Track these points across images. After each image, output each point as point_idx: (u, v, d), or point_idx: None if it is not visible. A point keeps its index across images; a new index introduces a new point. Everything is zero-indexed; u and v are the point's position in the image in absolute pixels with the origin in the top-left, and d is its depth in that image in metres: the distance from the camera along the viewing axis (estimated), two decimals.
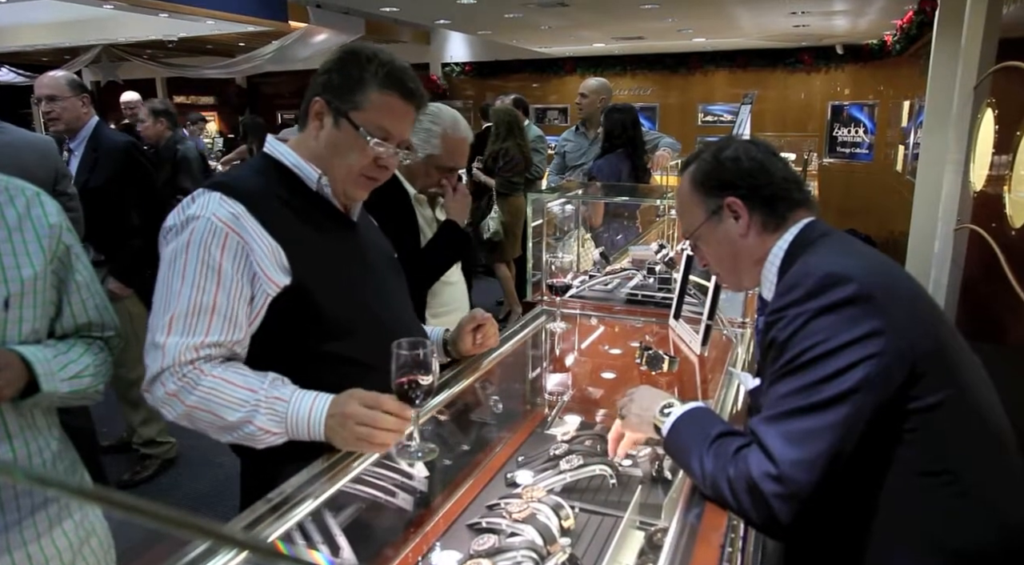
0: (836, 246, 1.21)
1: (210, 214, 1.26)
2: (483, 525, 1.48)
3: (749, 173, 1.28)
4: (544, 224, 2.50)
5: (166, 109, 4.76)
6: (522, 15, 6.96)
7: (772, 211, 1.28)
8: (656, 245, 2.68)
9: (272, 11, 6.35)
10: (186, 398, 1.22)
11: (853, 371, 1.03)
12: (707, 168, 1.32)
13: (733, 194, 1.29)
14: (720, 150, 1.32)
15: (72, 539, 1.32)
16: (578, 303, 2.42)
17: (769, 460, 1.04)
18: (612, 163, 4.00)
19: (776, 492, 1.03)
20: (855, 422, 1.04)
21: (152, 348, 1.24)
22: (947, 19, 4.62)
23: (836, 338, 1.04)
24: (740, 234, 1.29)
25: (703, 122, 10.32)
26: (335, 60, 1.39)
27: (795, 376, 1.07)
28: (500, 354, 1.85)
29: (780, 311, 1.12)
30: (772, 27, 7.99)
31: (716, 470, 1.12)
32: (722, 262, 1.38)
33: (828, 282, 1.07)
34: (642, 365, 1.96)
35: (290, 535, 1.09)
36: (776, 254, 1.28)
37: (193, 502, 3.31)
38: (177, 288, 1.24)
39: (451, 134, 2.07)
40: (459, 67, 11.42)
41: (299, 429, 1.23)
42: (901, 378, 1.05)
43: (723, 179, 1.30)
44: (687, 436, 1.23)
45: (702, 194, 1.33)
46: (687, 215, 1.38)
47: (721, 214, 1.30)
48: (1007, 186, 2.48)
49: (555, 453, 1.74)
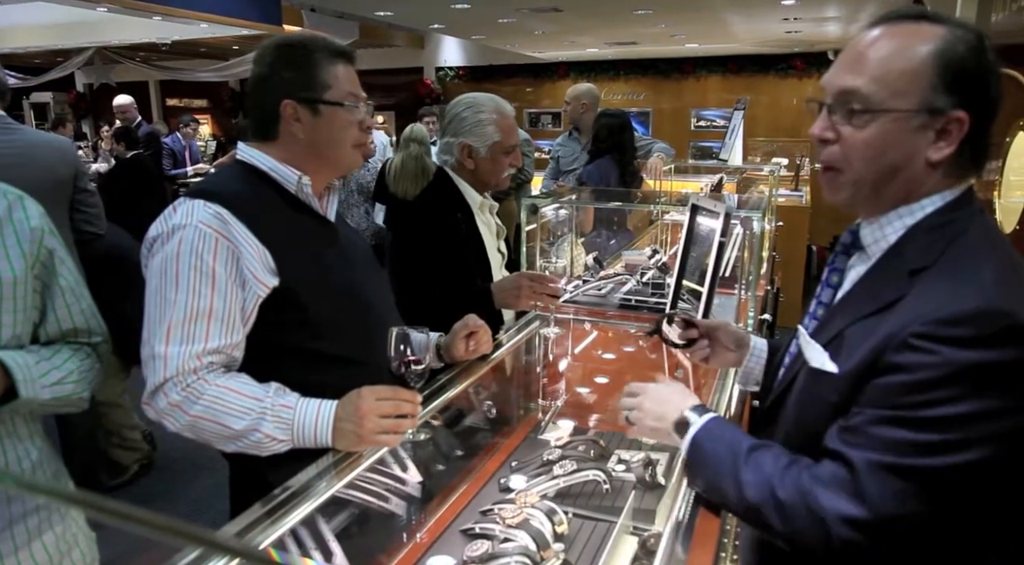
0: (1009, 260, 0.96)
1: (196, 221, 1.26)
2: (476, 531, 1.48)
3: (995, 106, 0.96)
4: (537, 229, 2.51)
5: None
6: (516, 20, 6.98)
7: (972, 160, 0.98)
8: (649, 250, 2.68)
9: (266, 15, 6.34)
10: (190, 408, 1.22)
11: (987, 446, 0.87)
12: (966, 56, 0.94)
13: (968, 110, 0.93)
14: (981, 48, 0.96)
15: (52, 552, 1.29)
16: (571, 308, 2.42)
17: (859, 502, 0.90)
18: (601, 168, 4.00)
19: (851, 538, 0.90)
20: (964, 495, 0.88)
21: (151, 359, 1.23)
22: None
23: (988, 400, 0.87)
24: (929, 161, 0.96)
25: (696, 127, 10.36)
26: (274, 62, 1.38)
27: (922, 427, 0.89)
28: (493, 359, 1.85)
29: (933, 341, 0.88)
30: (764, 33, 8.03)
31: (759, 490, 0.98)
32: (869, 165, 0.99)
33: (1008, 335, 0.86)
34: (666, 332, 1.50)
35: (283, 541, 1.09)
36: (919, 209, 0.99)
37: (184, 508, 3.30)
38: (172, 296, 1.24)
39: (501, 116, 2.05)
40: (453, 71, 11.43)
41: (305, 435, 1.24)
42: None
43: (973, 87, 0.94)
44: (713, 455, 1.08)
45: (935, 78, 0.93)
46: (889, 76, 0.95)
47: (934, 121, 0.94)
48: (997, 192, 2.50)
49: (548, 458, 1.74)
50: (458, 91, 11.89)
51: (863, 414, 0.94)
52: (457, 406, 1.73)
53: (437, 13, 7.16)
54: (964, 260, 0.94)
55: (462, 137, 2.04)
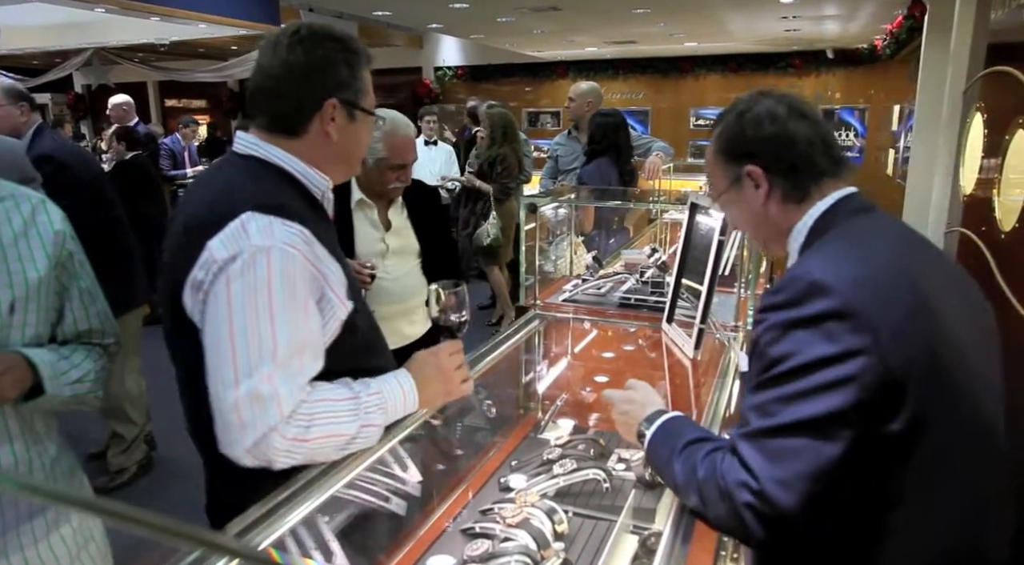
0: (849, 239, 1.13)
1: (280, 243, 1.15)
2: (477, 530, 1.48)
3: (770, 140, 1.19)
4: (537, 228, 2.51)
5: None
6: (514, 19, 6.98)
7: (794, 183, 1.20)
8: (648, 249, 2.68)
9: (264, 15, 6.34)
10: (307, 435, 1.13)
11: (829, 393, 0.97)
12: (729, 133, 1.25)
13: (754, 162, 1.21)
14: (746, 111, 1.23)
15: (70, 545, 1.33)
16: (571, 307, 2.42)
17: (749, 474, 1.01)
18: (601, 168, 3.99)
19: (751, 505, 0.99)
20: (832, 443, 0.98)
21: (254, 401, 1.09)
22: (936, 24, 4.66)
23: (809, 352, 0.99)
24: (761, 204, 1.22)
25: (695, 126, 10.37)
26: (324, 54, 1.27)
27: (771, 388, 1.03)
28: (493, 358, 1.85)
29: (764, 312, 1.08)
30: (763, 31, 8.04)
31: (686, 477, 1.10)
32: (747, 228, 1.33)
33: (810, 291, 1.02)
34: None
35: (283, 541, 1.09)
36: (800, 230, 1.21)
37: (184, 509, 3.29)
38: (268, 329, 1.12)
39: (391, 136, 2.18)
40: (452, 71, 11.43)
41: (397, 411, 1.29)
42: (885, 400, 0.98)
43: (744, 146, 1.22)
44: (662, 450, 1.20)
45: (723, 160, 1.26)
46: (712, 178, 1.31)
47: (742, 182, 1.23)
48: (996, 190, 2.50)
49: (548, 457, 1.74)
50: (457, 91, 11.95)
51: (745, 396, 1.12)
52: (457, 405, 1.73)
53: (436, 13, 7.17)
54: (814, 250, 1.15)
55: None
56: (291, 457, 1.13)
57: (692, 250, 2.12)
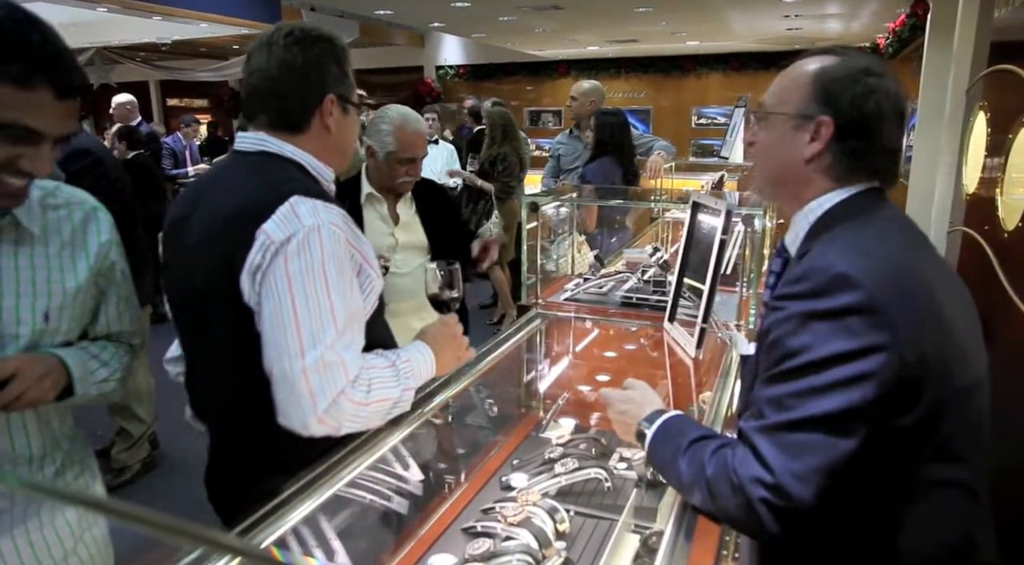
0: (871, 235, 1.10)
1: (327, 222, 1.23)
2: (478, 529, 1.48)
3: (868, 118, 1.11)
4: (539, 227, 2.51)
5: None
6: (516, 18, 6.98)
7: (848, 166, 1.14)
8: (650, 248, 2.68)
9: (266, 14, 6.35)
10: (368, 399, 1.22)
11: (848, 389, 0.97)
12: (839, 76, 1.13)
13: (833, 116, 1.12)
14: (875, 74, 1.13)
15: (75, 528, 1.33)
16: (572, 306, 2.42)
17: (764, 468, 1.00)
18: (604, 167, 3.99)
19: (766, 499, 0.99)
20: (848, 439, 0.97)
21: (324, 368, 1.17)
22: (939, 22, 4.65)
23: (828, 346, 0.98)
24: (802, 157, 1.15)
25: (696, 125, 10.36)
26: (322, 53, 1.35)
27: (787, 381, 1.02)
28: (495, 357, 1.85)
29: (783, 299, 1.05)
30: (765, 30, 8.03)
31: (693, 475, 1.09)
32: (764, 165, 1.24)
33: (835, 284, 0.99)
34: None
35: (285, 540, 1.09)
36: (817, 207, 1.15)
37: (187, 507, 3.30)
38: (327, 302, 1.20)
39: (401, 130, 2.27)
40: (453, 70, 11.43)
41: (422, 377, 1.37)
42: (900, 397, 0.98)
43: (844, 101, 1.12)
44: (665, 448, 1.19)
45: (812, 91, 1.14)
46: (780, 91, 1.20)
47: (804, 124, 1.14)
48: (999, 189, 2.49)
49: (550, 456, 1.74)
50: (458, 90, 11.96)
51: (757, 386, 1.08)
52: (458, 404, 1.73)
53: (437, 11, 7.17)
54: (833, 237, 1.10)
55: (368, 138, 2.34)
56: (356, 421, 1.22)
57: (694, 249, 2.12)
